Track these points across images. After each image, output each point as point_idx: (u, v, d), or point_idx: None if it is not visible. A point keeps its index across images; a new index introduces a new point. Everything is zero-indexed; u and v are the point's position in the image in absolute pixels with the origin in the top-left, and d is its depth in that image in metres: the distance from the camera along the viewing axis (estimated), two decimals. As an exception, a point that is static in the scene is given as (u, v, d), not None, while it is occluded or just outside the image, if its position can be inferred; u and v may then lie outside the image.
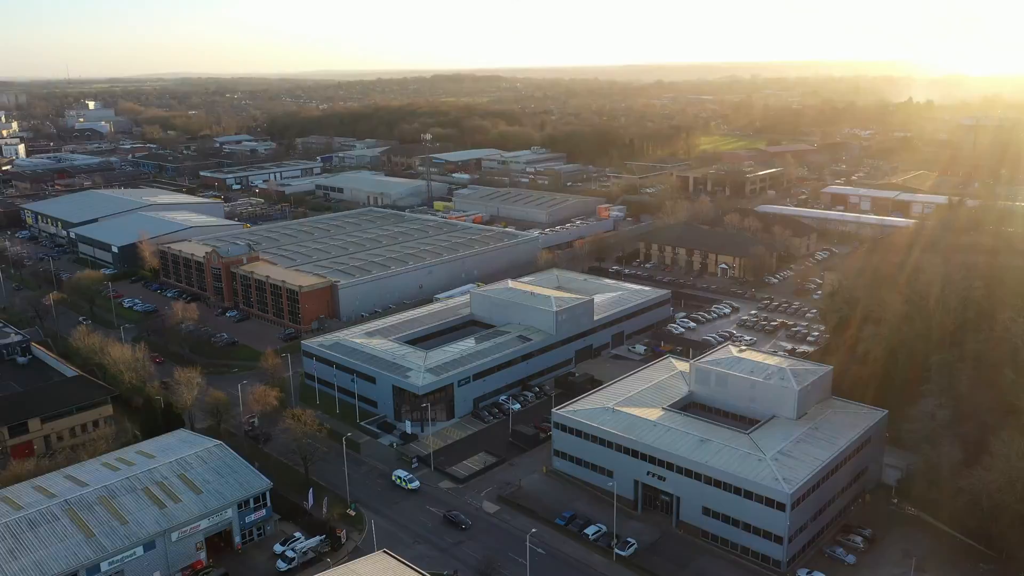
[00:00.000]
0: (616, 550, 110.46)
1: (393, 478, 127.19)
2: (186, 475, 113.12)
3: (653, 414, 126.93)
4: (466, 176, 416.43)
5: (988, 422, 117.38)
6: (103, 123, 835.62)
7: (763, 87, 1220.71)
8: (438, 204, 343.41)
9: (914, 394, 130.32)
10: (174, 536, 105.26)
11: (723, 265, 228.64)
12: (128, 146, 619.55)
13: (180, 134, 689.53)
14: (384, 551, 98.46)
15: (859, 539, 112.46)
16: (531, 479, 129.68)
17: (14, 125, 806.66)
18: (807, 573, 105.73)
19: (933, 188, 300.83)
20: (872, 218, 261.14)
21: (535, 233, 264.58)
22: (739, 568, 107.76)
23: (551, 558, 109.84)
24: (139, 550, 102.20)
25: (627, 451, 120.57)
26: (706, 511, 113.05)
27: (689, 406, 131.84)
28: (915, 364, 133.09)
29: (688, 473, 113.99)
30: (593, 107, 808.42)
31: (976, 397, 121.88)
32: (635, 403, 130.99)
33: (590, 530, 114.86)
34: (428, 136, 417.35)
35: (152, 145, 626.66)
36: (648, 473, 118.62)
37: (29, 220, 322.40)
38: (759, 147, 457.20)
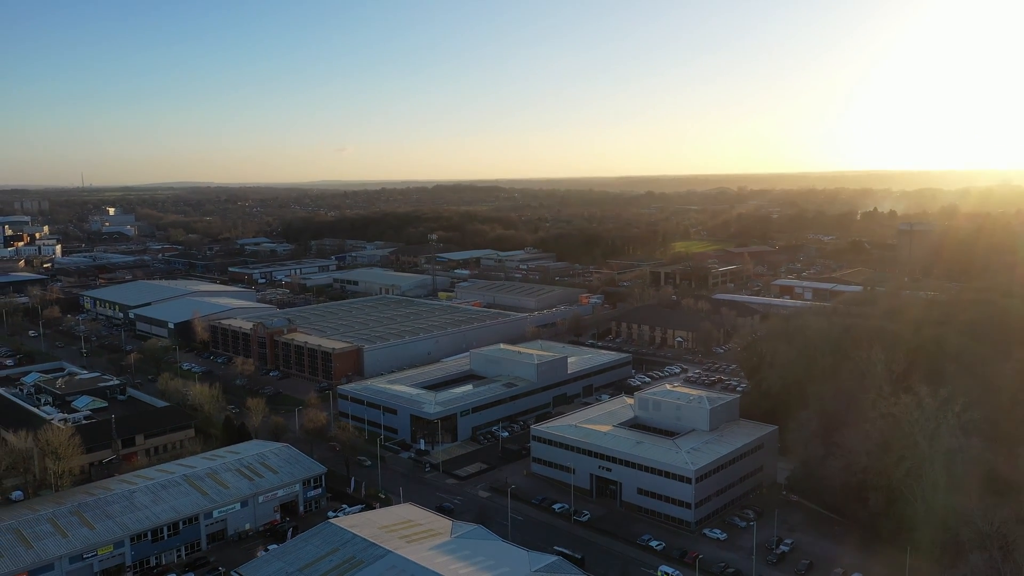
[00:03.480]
0: (575, 518, 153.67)
1: (659, 574, 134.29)
2: (265, 462, 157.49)
3: (605, 428, 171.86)
4: (466, 271, 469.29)
5: (846, 429, 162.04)
6: (128, 227, 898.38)
7: (748, 198, 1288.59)
8: (442, 294, 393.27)
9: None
10: (260, 499, 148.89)
11: (679, 338, 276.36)
12: (158, 247, 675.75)
13: (202, 237, 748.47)
14: (410, 503, 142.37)
15: (751, 513, 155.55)
16: (515, 478, 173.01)
17: (45, 228, 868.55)
18: (710, 531, 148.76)
19: (863, 281, 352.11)
20: (802, 303, 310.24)
21: (524, 314, 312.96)
22: (662, 529, 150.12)
23: (528, 522, 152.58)
24: (237, 506, 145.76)
25: (585, 452, 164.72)
26: (640, 491, 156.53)
27: (633, 424, 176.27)
28: (801, 395, 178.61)
29: (628, 464, 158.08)
30: (585, 215, 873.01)
31: (840, 412, 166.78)
32: (592, 422, 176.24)
33: (556, 506, 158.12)
34: (434, 237, 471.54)
35: (179, 246, 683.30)
36: (599, 467, 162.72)
37: (87, 305, 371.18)
38: (727, 249, 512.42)
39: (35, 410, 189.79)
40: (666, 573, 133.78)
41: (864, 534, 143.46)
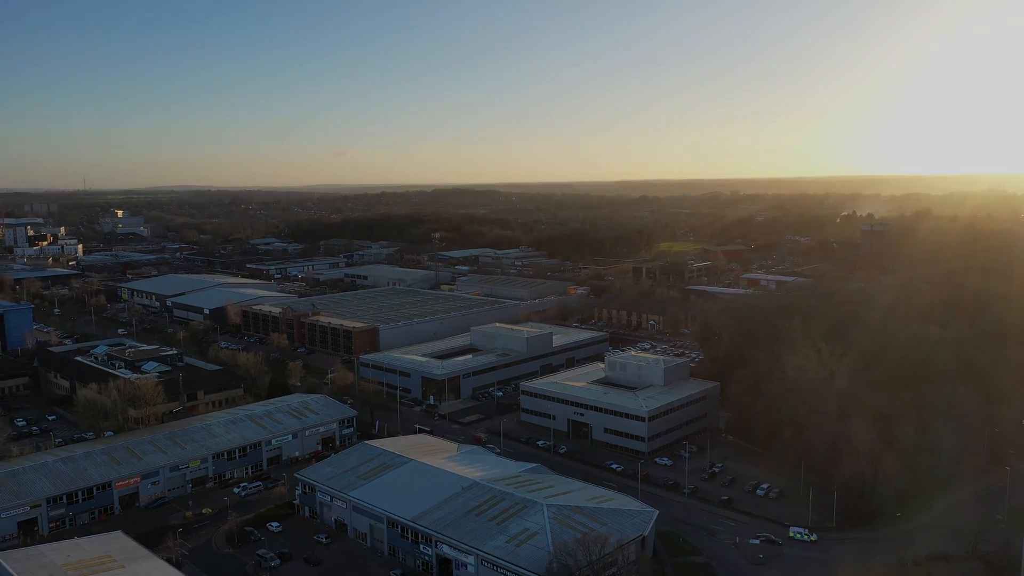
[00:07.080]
0: (555, 450, 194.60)
1: (792, 533, 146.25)
2: (308, 406, 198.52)
3: (580, 384, 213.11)
4: (466, 268, 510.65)
5: (769, 381, 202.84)
6: (141, 228, 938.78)
7: (740, 203, 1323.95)
8: (444, 287, 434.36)
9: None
10: (307, 433, 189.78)
11: (652, 321, 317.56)
12: (174, 246, 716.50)
13: (214, 237, 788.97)
14: (426, 434, 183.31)
15: (694, 447, 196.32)
16: (507, 425, 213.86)
17: (62, 230, 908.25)
18: (659, 459, 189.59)
19: (815, 274, 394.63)
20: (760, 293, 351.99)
21: (518, 302, 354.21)
22: (623, 459, 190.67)
23: (517, 453, 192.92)
24: (289, 437, 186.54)
25: (563, 401, 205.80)
26: (606, 430, 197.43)
27: (603, 382, 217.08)
28: (741, 358, 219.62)
29: (597, 409, 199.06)
30: (579, 217, 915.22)
31: (768, 370, 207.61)
32: (570, 379, 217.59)
33: (540, 442, 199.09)
34: (437, 235, 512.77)
35: (194, 245, 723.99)
36: (574, 413, 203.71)
37: (124, 295, 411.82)
38: (706, 248, 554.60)
39: (114, 372, 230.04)
40: (797, 532, 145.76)
41: (778, 460, 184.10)
